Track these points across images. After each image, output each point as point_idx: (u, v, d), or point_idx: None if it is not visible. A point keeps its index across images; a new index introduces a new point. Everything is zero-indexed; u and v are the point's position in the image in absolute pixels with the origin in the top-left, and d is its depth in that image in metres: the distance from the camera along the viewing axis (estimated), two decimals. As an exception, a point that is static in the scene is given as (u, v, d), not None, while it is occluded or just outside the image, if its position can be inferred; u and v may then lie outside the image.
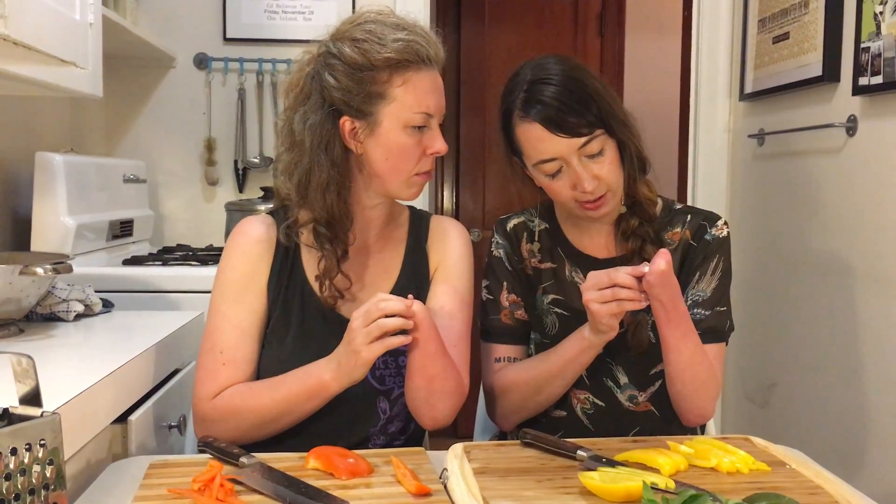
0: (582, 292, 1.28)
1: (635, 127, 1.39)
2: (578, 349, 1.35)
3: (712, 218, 1.46)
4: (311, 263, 1.36)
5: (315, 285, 1.35)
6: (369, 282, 1.39)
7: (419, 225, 1.45)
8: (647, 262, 1.29)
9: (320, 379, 1.24)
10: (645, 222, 1.43)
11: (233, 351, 1.32)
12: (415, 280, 1.40)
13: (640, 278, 1.24)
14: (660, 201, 1.47)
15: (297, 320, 1.35)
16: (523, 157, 1.40)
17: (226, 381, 1.31)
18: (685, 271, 1.44)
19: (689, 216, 1.47)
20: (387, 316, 1.18)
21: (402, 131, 1.28)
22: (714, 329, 1.42)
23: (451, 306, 1.37)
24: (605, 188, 1.36)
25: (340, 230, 1.33)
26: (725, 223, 1.46)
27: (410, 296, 1.22)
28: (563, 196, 1.38)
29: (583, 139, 1.32)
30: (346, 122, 1.29)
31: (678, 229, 1.46)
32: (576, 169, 1.34)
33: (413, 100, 1.27)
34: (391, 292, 1.37)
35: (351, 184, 1.34)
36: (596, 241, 1.48)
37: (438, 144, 1.31)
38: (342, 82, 1.27)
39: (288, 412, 1.27)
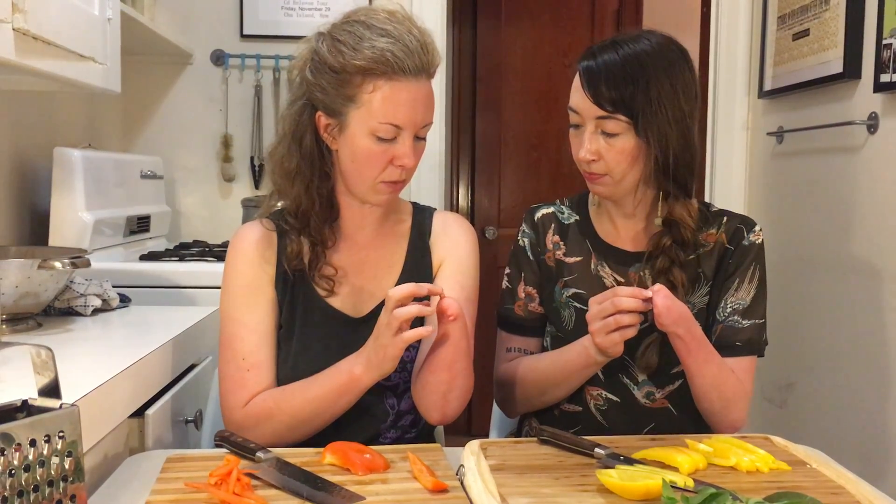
0: (588, 321, 1.28)
1: (682, 151, 1.34)
2: (582, 364, 1.36)
3: (749, 223, 1.45)
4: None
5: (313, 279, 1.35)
6: (371, 276, 1.38)
7: (422, 220, 1.44)
8: (646, 274, 1.30)
9: (351, 374, 1.24)
10: (676, 244, 1.39)
11: (255, 355, 1.32)
12: (418, 275, 1.39)
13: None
14: (695, 202, 1.43)
15: (301, 321, 1.35)
16: None
17: (254, 386, 1.31)
18: (721, 275, 1.43)
19: (725, 218, 1.45)
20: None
21: (366, 137, 1.26)
22: (751, 341, 1.41)
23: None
24: (603, 169, 1.36)
25: (312, 221, 1.34)
26: (761, 230, 1.45)
27: (448, 297, 1.21)
28: (573, 152, 1.40)
29: (601, 112, 1.32)
30: (320, 118, 1.29)
31: (714, 231, 1.44)
32: (584, 134, 1.36)
33: (380, 110, 1.24)
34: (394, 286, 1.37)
35: (327, 177, 1.34)
36: (625, 234, 1.47)
37: (405, 158, 1.27)
38: (318, 80, 1.27)
39: (321, 411, 1.27)
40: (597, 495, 1.04)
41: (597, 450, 1.16)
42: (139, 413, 1.36)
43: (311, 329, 1.35)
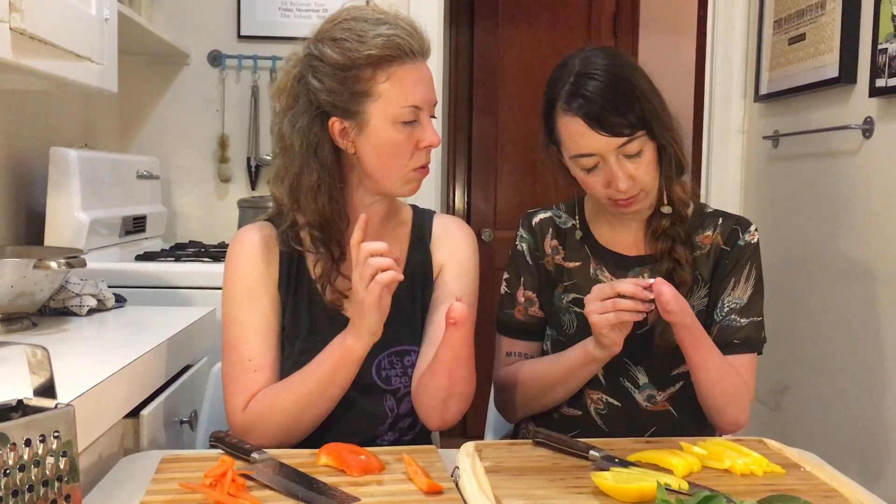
0: (585, 303, 1.28)
1: (678, 130, 1.38)
2: (582, 362, 1.36)
3: (744, 223, 1.46)
4: (314, 266, 1.35)
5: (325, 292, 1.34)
6: None
7: (422, 223, 1.43)
8: (646, 274, 1.30)
9: (343, 345, 1.24)
10: (676, 223, 1.41)
11: (261, 356, 1.31)
12: (418, 279, 1.39)
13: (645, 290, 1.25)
14: (691, 203, 1.46)
15: (306, 324, 1.35)
16: (562, 147, 1.39)
17: (260, 388, 1.30)
18: (718, 276, 1.43)
19: (720, 219, 1.46)
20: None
21: (391, 127, 1.26)
22: (749, 339, 1.41)
23: None
24: (638, 188, 1.35)
25: (334, 232, 1.32)
26: (756, 229, 1.45)
27: (458, 299, 1.22)
28: (596, 191, 1.38)
29: (623, 139, 1.31)
30: (335, 123, 1.27)
31: (709, 232, 1.45)
32: (612, 167, 1.33)
33: (399, 94, 1.25)
34: (395, 292, 1.37)
35: (344, 185, 1.32)
36: (624, 238, 1.47)
37: (430, 137, 1.29)
38: (327, 84, 1.25)
39: (321, 392, 1.26)
40: (591, 497, 1.04)
41: (591, 452, 1.16)
42: (134, 413, 1.36)
43: (314, 331, 1.34)
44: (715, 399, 1.37)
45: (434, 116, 1.32)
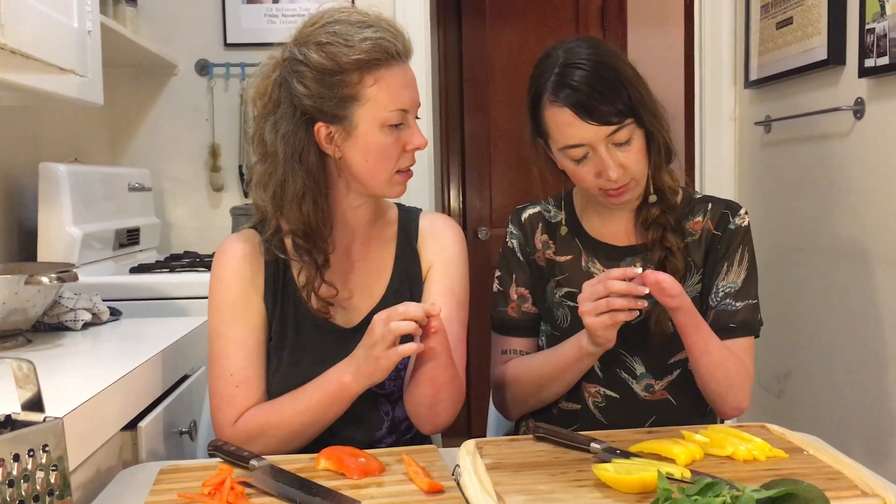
0: (579, 302, 1.27)
1: (664, 117, 1.37)
2: (576, 357, 1.35)
3: (734, 207, 1.45)
4: (299, 274, 1.34)
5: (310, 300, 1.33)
6: (360, 284, 1.37)
7: (408, 223, 1.42)
8: (638, 265, 1.30)
9: (340, 382, 1.23)
10: (666, 210, 1.41)
11: (243, 371, 1.30)
12: (407, 280, 1.38)
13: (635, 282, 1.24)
14: (680, 190, 1.45)
15: (293, 332, 1.33)
16: (549, 140, 1.38)
17: (243, 402, 1.30)
18: (710, 262, 1.43)
19: (709, 205, 1.45)
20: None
21: (379, 131, 1.25)
22: (746, 322, 1.41)
23: (449, 308, 1.33)
24: (629, 177, 1.34)
25: (318, 239, 1.30)
26: (746, 212, 1.45)
27: (435, 304, 1.21)
28: (586, 182, 1.37)
29: (612, 127, 1.30)
30: (320, 129, 1.26)
31: (699, 218, 1.44)
32: (602, 157, 1.32)
33: (387, 98, 1.24)
34: (384, 294, 1.36)
35: (329, 190, 1.31)
36: (615, 229, 1.46)
37: (417, 139, 1.28)
38: (312, 89, 1.23)
39: (312, 421, 1.26)
40: (593, 490, 1.03)
41: (593, 444, 1.15)
42: (132, 426, 1.35)
43: (302, 341, 1.33)
44: (718, 383, 1.36)
45: (418, 118, 1.31)
